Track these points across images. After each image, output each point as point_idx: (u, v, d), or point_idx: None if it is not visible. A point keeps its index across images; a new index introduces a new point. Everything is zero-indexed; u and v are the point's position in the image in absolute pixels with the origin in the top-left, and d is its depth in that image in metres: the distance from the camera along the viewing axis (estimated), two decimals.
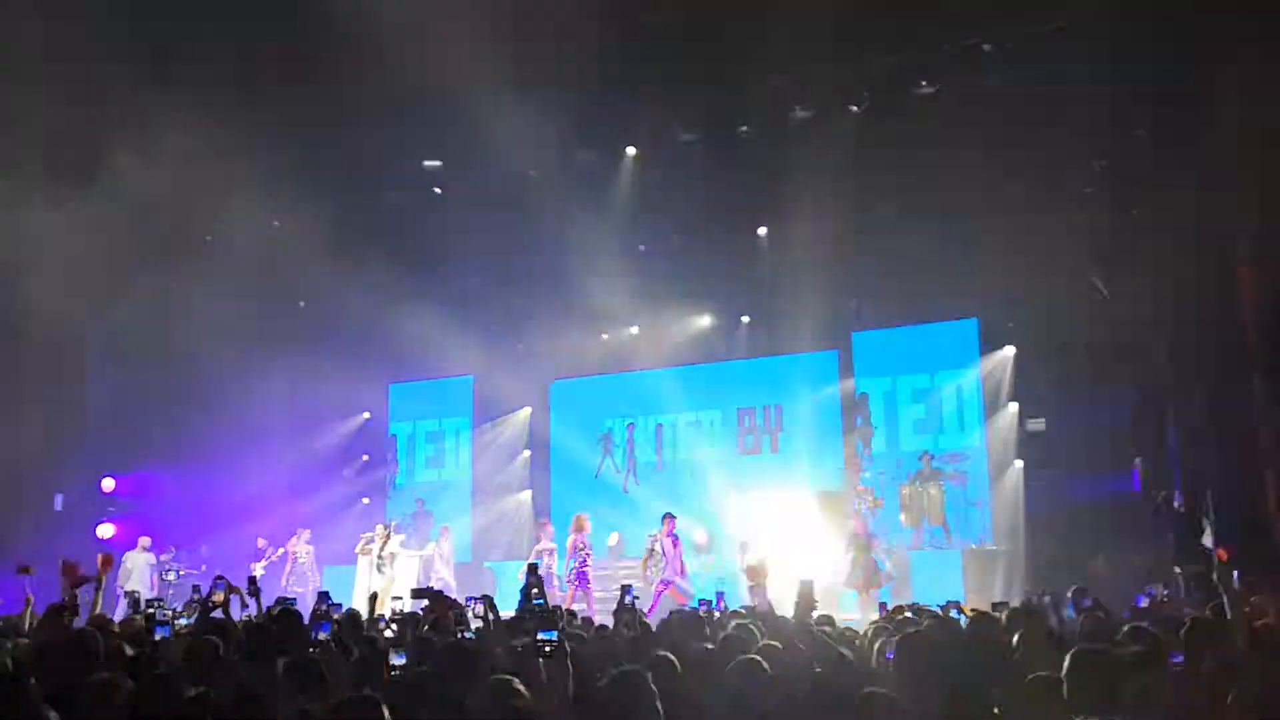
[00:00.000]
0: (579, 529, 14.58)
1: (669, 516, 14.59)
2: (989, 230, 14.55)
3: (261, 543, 17.04)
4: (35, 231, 16.26)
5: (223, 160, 14.27)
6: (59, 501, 18.23)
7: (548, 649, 4.24)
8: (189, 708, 3.93)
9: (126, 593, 12.74)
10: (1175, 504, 11.96)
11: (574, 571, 14.25)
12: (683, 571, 14.18)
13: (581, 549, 14.40)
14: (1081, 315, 14.34)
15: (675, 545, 14.30)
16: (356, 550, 16.23)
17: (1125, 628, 5.96)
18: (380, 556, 15.48)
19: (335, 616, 7.29)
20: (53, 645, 5.33)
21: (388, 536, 15.79)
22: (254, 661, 5.27)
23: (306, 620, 6.62)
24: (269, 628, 5.97)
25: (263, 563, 16.59)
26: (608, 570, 15.82)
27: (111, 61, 12.38)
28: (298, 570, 16.70)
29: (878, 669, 5.45)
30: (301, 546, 16.88)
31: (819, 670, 4.99)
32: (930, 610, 7.94)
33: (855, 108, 14.17)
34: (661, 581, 13.87)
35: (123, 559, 15.77)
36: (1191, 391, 13.42)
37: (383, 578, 15.12)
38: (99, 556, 7.69)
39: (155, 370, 18.08)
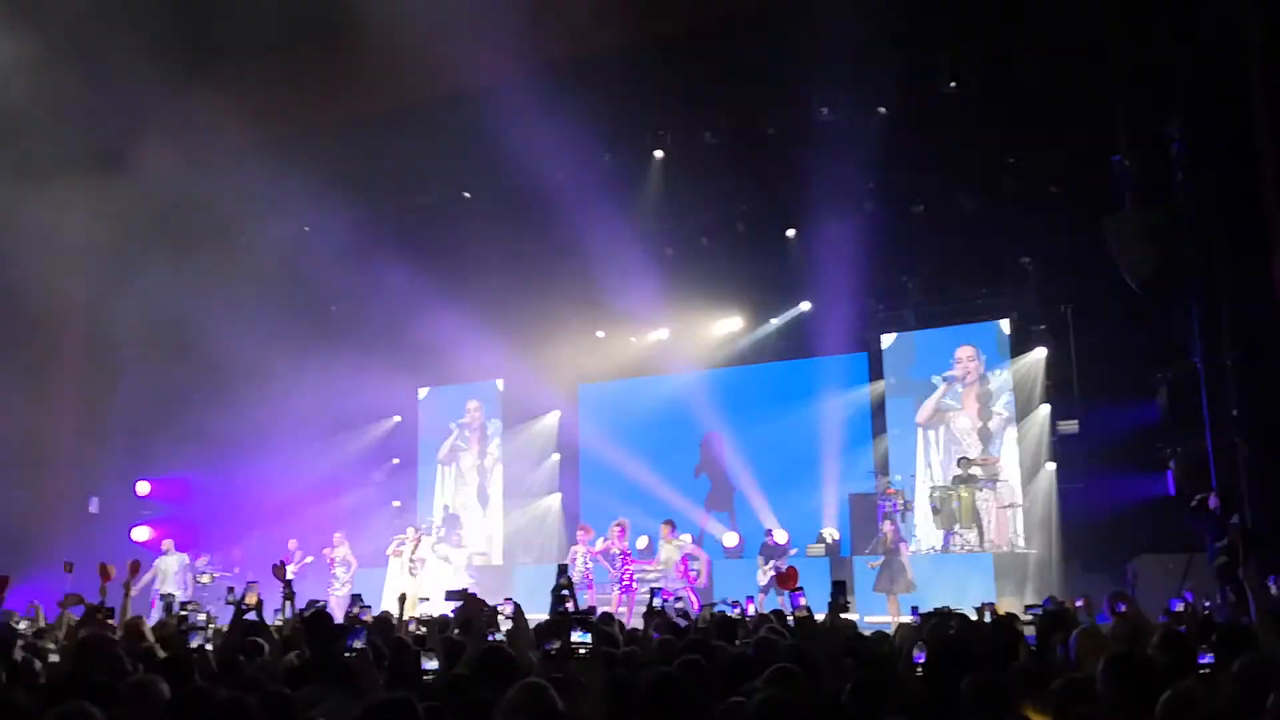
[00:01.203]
0: (616, 535, 14.61)
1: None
2: (1018, 230, 14.43)
3: (292, 545, 17.10)
4: (68, 235, 16.48)
5: (256, 162, 14.40)
6: (94, 504, 18.43)
7: (581, 651, 4.20)
8: (223, 711, 3.96)
9: (161, 596, 12.85)
10: (1211, 506, 11.80)
11: (621, 577, 14.32)
12: (692, 582, 14.28)
13: (618, 554, 14.43)
14: (1115, 315, 14.19)
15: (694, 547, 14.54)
16: (388, 551, 16.29)
17: (1159, 632, 5.90)
18: (411, 559, 15.55)
19: (367, 619, 7.32)
20: (88, 647, 5.39)
21: (419, 539, 15.85)
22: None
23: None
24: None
25: (292, 566, 16.55)
26: (638, 574, 15.81)
27: (148, 58, 12.49)
28: (335, 574, 16.65)
29: (908, 671, 5.41)
30: (340, 551, 16.81)
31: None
32: (962, 613, 7.88)
33: (883, 108, 14.11)
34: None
35: (155, 563, 15.89)
36: (1226, 393, 13.25)
37: (413, 580, 15.18)
38: (128, 563, 7.77)
39: (189, 374, 18.24)
